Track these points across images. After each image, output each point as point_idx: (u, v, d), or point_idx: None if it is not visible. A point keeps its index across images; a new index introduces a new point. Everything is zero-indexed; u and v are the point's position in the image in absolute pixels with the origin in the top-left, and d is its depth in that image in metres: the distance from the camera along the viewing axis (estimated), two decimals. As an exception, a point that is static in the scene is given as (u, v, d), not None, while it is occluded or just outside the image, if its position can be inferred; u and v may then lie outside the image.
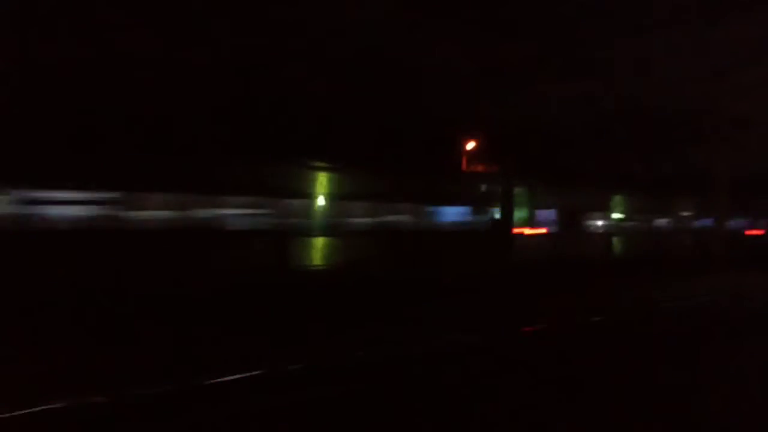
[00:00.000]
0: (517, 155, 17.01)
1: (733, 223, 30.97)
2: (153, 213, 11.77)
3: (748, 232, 33.22)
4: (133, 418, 4.92)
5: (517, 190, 17.25)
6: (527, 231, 19.04)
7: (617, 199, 22.11)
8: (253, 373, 6.03)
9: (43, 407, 4.90)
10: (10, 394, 5.18)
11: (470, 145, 18.35)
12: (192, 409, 5.12)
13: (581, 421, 5.02)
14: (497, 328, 9.26)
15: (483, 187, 16.70)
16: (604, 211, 21.59)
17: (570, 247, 19.42)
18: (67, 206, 10.56)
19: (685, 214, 25.68)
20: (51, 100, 12.66)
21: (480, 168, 17.38)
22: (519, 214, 17.33)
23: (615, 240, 21.26)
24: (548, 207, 19.40)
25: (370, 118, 20.31)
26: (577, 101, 26.13)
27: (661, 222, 25.15)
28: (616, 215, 22.06)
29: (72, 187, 10.63)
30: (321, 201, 14.35)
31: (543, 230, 19.76)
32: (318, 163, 14.15)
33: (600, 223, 21.38)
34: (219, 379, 5.80)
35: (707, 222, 26.89)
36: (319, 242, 14.23)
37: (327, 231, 14.24)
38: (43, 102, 12.40)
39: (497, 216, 16.54)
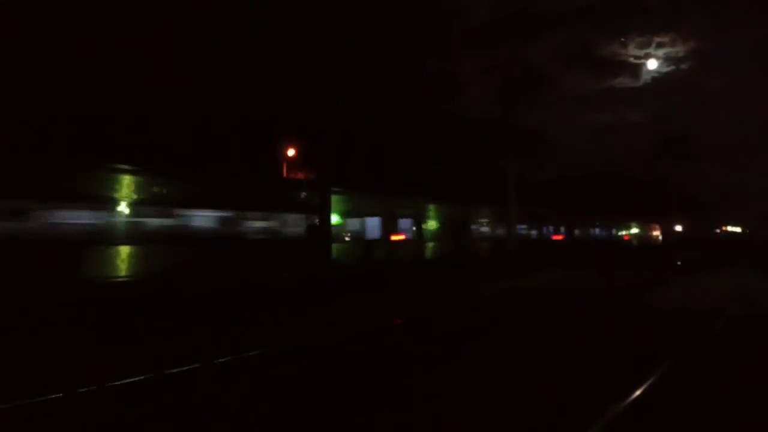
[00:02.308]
0: (336, 163, 17.30)
1: (544, 230, 35.09)
2: None
3: (554, 237, 37.85)
4: None
5: (337, 198, 17.55)
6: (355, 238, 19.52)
7: (434, 207, 23.60)
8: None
9: None
10: None
11: (291, 152, 18.23)
12: None
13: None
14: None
15: (302, 195, 16.71)
16: (423, 218, 22.91)
17: (390, 251, 20.24)
18: None
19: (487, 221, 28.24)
20: None
21: (300, 175, 17.35)
22: (337, 220, 17.64)
23: (429, 245, 22.59)
24: (369, 215, 20.07)
25: (189, 120, 19.25)
26: (403, 115, 27.45)
27: (483, 228, 27.47)
28: (433, 222, 23.51)
29: None
30: (122, 207, 13.23)
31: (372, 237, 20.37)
32: (117, 165, 13.05)
33: (416, 228, 22.62)
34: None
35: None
36: (121, 252, 13.08)
37: (131, 240, 13.15)
38: None
39: (315, 222, 16.64)
